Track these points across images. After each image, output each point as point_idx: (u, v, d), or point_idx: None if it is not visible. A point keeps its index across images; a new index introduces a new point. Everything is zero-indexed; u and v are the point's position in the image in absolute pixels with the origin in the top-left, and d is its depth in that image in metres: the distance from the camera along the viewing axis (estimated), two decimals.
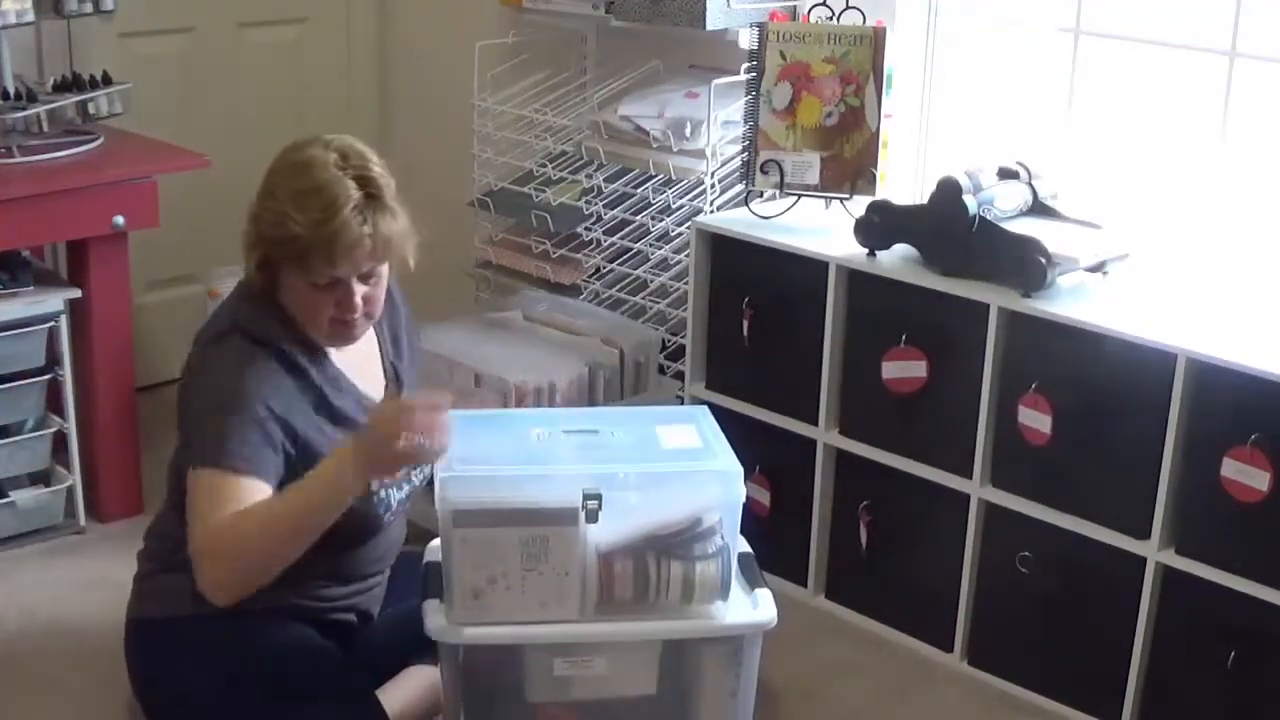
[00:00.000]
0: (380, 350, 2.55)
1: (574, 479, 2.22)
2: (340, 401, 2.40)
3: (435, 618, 2.27)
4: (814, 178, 3.07)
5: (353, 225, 2.27)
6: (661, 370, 3.28)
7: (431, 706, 2.64)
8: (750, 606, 2.33)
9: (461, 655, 2.29)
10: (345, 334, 2.39)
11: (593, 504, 2.21)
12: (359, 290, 2.34)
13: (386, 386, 2.52)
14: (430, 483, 2.37)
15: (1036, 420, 2.66)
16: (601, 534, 2.23)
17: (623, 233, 3.35)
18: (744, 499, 2.28)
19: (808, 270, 2.94)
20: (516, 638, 2.28)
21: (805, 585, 3.10)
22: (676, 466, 2.28)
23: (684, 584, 2.26)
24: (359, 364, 2.47)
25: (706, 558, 2.26)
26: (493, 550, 2.23)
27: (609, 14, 3.35)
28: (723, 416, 3.13)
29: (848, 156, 3.05)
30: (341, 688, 2.44)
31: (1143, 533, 2.59)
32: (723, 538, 2.27)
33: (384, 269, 2.39)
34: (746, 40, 3.15)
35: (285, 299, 2.36)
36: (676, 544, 2.25)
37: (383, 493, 2.42)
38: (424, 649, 2.64)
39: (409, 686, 2.61)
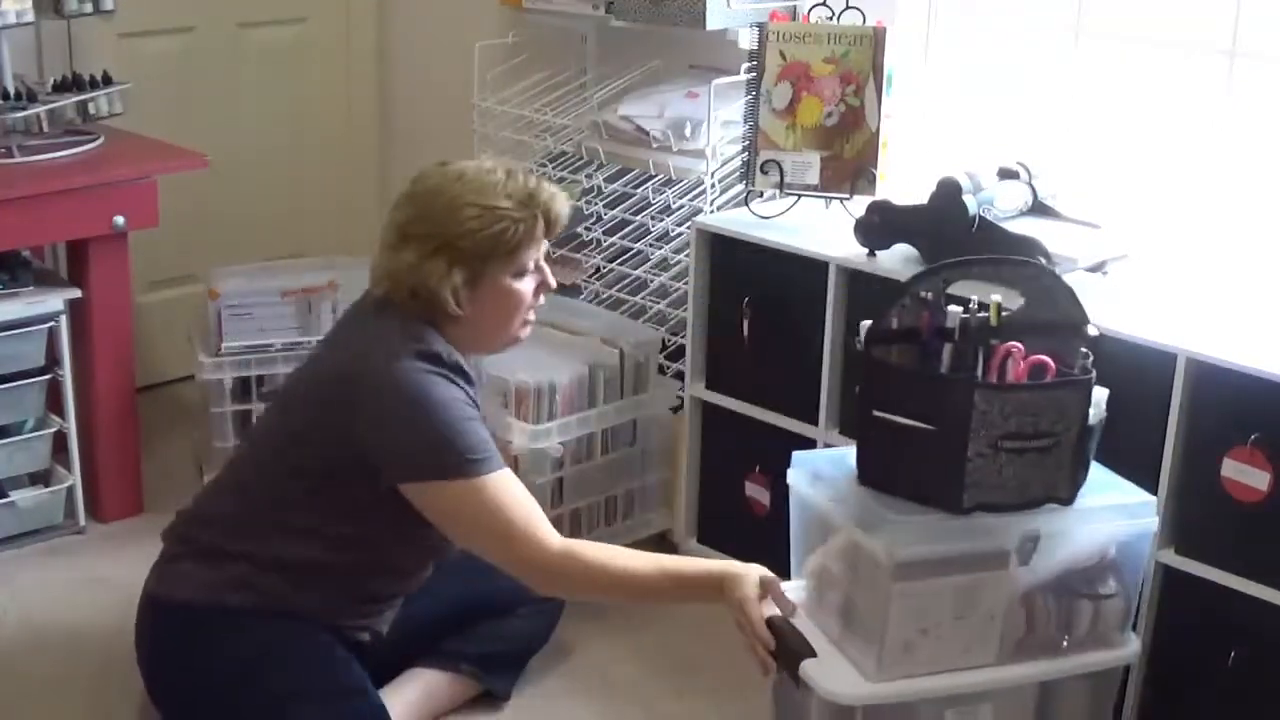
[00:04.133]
0: None
1: (1006, 521, 2.20)
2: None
3: (836, 677, 2.20)
4: (814, 178, 3.07)
5: (556, 198, 2.48)
6: (661, 370, 3.28)
7: (432, 709, 2.64)
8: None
9: (862, 715, 2.23)
10: (527, 329, 2.54)
11: (1029, 545, 2.21)
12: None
13: None
14: None
15: None
16: (1025, 574, 2.24)
17: (623, 233, 3.35)
18: (1154, 528, 2.32)
19: (808, 270, 2.94)
20: (941, 690, 2.24)
21: None
22: (1103, 500, 2.28)
23: (1093, 619, 2.29)
24: None
25: (1112, 593, 2.30)
26: (930, 601, 2.19)
27: (609, 14, 3.35)
28: (723, 416, 3.16)
29: (848, 156, 3.05)
30: (347, 688, 2.45)
31: None
32: (1126, 571, 2.30)
33: None
34: (746, 40, 3.15)
35: (478, 313, 2.44)
36: (1088, 578, 2.28)
37: None
38: (426, 652, 2.66)
39: (410, 690, 2.62)
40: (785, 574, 3.06)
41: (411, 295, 2.41)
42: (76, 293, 3.22)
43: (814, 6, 3.12)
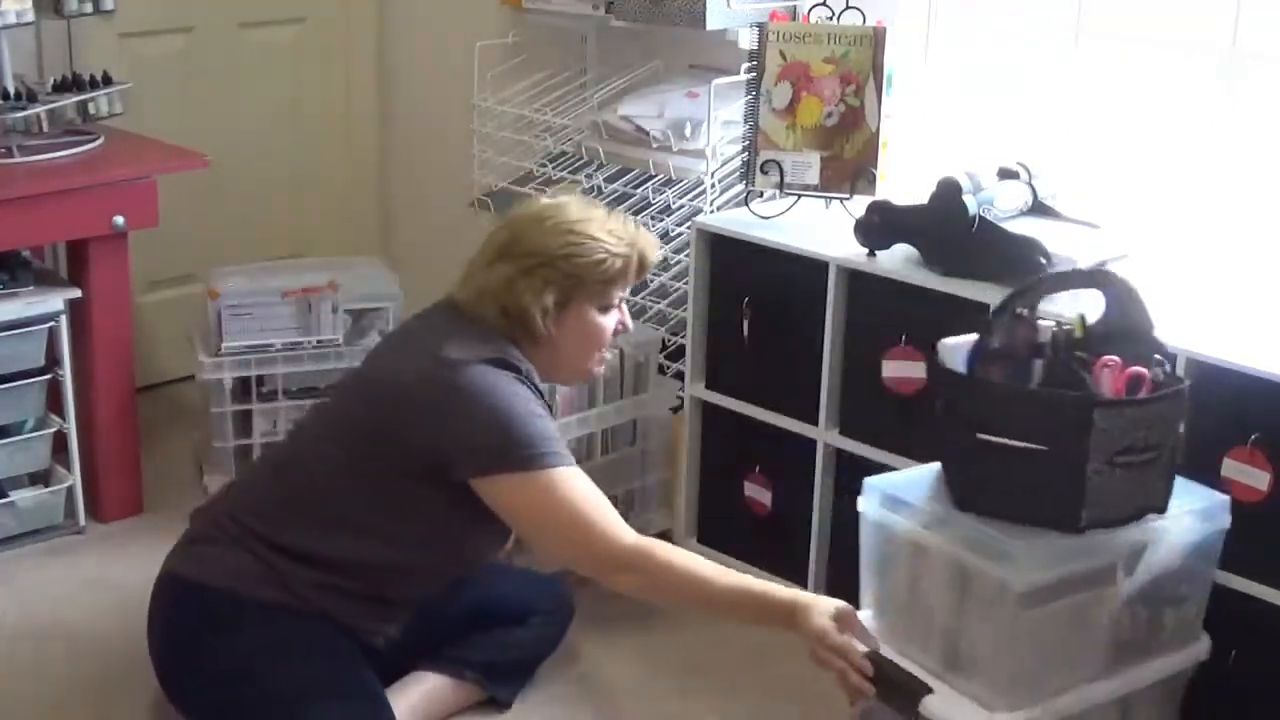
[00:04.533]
0: None
1: (1112, 535, 2.22)
2: None
3: (961, 713, 2.17)
4: (814, 178, 3.07)
5: (650, 242, 2.61)
6: (661, 370, 3.28)
7: (433, 713, 2.64)
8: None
9: None
10: (601, 366, 2.67)
11: (1135, 558, 2.22)
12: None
13: None
14: None
15: None
16: (1126, 586, 2.25)
17: None
18: (1227, 525, 2.34)
19: (808, 270, 2.94)
20: (1060, 712, 2.23)
21: (805, 585, 3.10)
22: (1186, 504, 2.30)
23: (1176, 621, 2.33)
24: None
25: (1189, 595, 2.32)
26: (1049, 624, 2.19)
27: (609, 14, 3.35)
28: (723, 416, 3.16)
29: (848, 156, 3.05)
30: (360, 691, 2.46)
31: None
32: (1200, 570, 2.32)
33: None
34: (746, 40, 3.15)
35: (560, 340, 2.53)
36: (1172, 582, 2.29)
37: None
38: (432, 655, 2.66)
39: (413, 692, 2.62)
40: (786, 577, 3.07)
41: (501, 312, 2.50)
42: (76, 293, 3.22)
43: (814, 6, 3.11)
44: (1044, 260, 2.63)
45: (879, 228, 2.86)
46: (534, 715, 2.72)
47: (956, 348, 2.32)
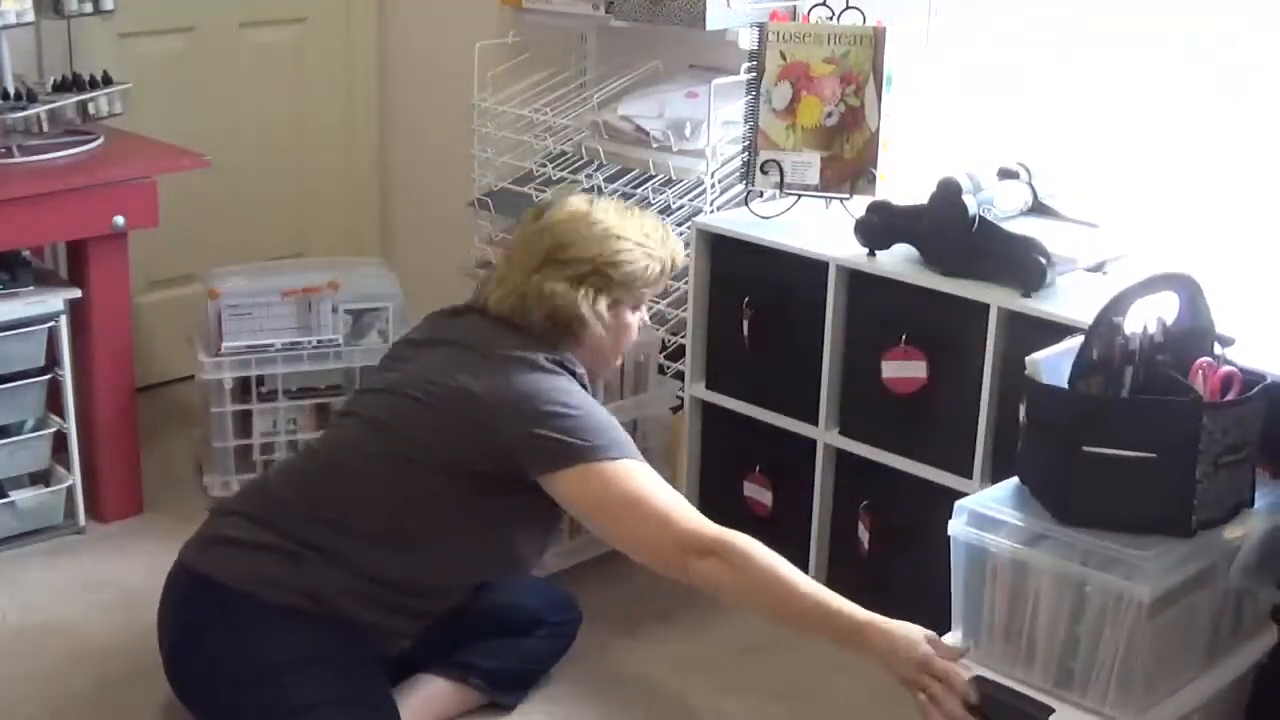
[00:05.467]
0: None
1: (1214, 534, 2.21)
2: None
3: None
4: (814, 178, 3.07)
5: (679, 244, 2.70)
6: (661, 370, 3.28)
7: (434, 715, 2.64)
8: None
9: None
10: (619, 361, 2.77)
11: (1233, 554, 2.23)
12: None
13: None
14: None
15: None
16: (1223, 582, 2.27)
17: None
18: None
19: (808, 270, 2.94)
20: (1176, 712, 2.23)
21: None
22: (1261, 497, 2.31)
23: (1255, 611, 2.38)
24: None
25: (1263, 585, 2.34)
26: (1168, 629, 2.17)
27: (609, 14, 3.35)
28: (722, 416, 3.16)
29: (848, 156, 3.05)
30: (372, 704, 2.45)
31: None
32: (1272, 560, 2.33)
33: None
34: (746, 40, 3.15)
35: (595, 340, 2.58)
36: (1250, 573, 2.29)
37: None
38: (437, 660, 2.65)
39: (416, 696, 2.62)
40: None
41: (548, 317, 2.53)
42: (76, 293, 3.22)
43: (814, 6, 3.11)
44: (1044, 260, 2.63)
45: (879, 228, 2.86)
46: (534, 715, 2.72)
47: (1050, 362, 2.27)
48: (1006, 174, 2.88)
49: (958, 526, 2.28)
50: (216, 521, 2.56)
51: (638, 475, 2.43)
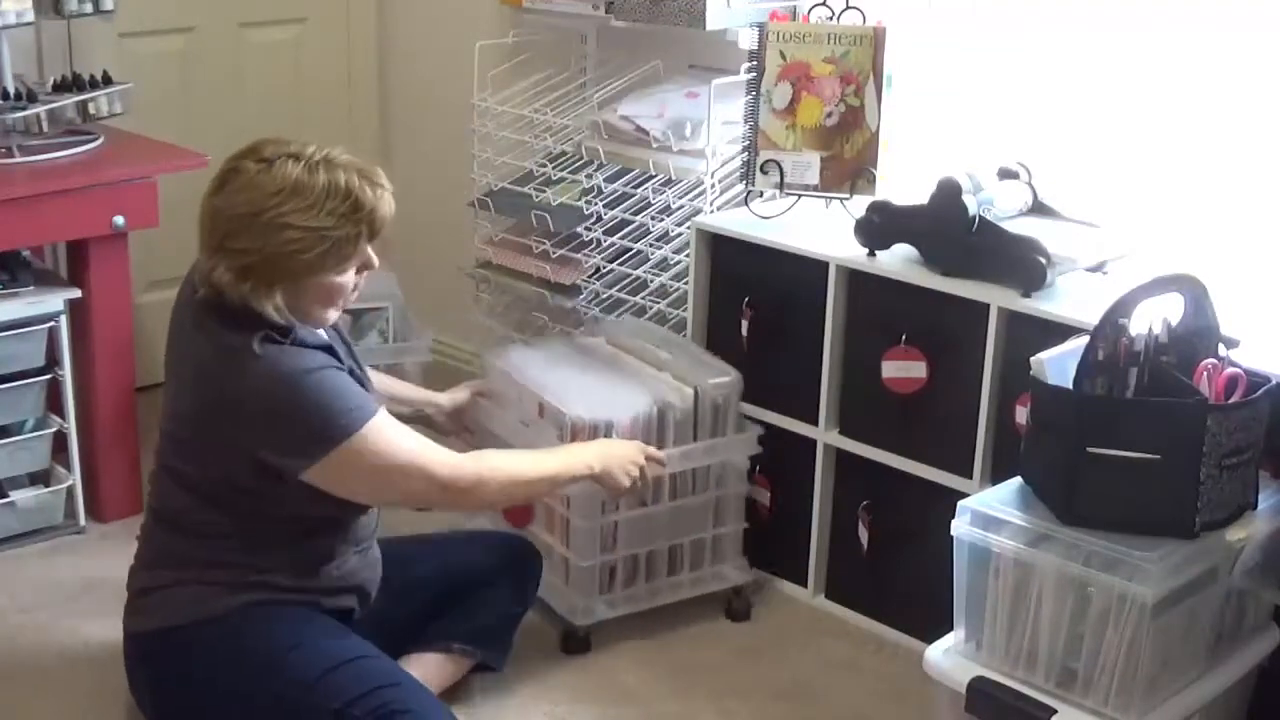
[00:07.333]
0: None
1: (1216, 535, 2.21)
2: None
3: None
4: (814, 178, 3.07)
5: (381, 200, 2.41)
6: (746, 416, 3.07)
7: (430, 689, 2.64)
8: None
9: None
10: (343, 305, 2.47)
11: (1236, 555, 2.23)
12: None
13: None
14: None
15: None
16: (1225, 583, 2.28)
17: (623, 233, 3.35)
18: None
19: (808, 270, 2.94)
20: (1178, 713, 2.23)
21: (805, 585, 3.10)
22: (1264, 499, 2.31)
23: (1255, 612, 2.37)
24: None
25: (1264, 585, 2.35)
26: (1171, 629, 2.17)
27: (609, 14, 3.35)
28: None
29: (848, 156, 3.06)
30: (348, 656, 2.43)
31: None
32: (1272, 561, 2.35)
33: None
34: (746, 40, 3.15)
35: (300, 306, 2.36)
36: (1252, 574, 2.30)
37: None
38: (416, 639, 2.66)
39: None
40: (786, 576, 3.07)
41: (240, 303, 2.33)
42: (76, 293, 3.22)
43: (814, 6, 3.12)
44: (1044, 260, 2.63)
45: (879, 228, 2.86)
46: (534, 715, 2.73)
47: (1055, 362, 2.27)
48: (1006, 174, 2.88)
49: (961, 527, 2.28)
50: (132, 582, 2.55)
51: (384, 434, 2.34)
